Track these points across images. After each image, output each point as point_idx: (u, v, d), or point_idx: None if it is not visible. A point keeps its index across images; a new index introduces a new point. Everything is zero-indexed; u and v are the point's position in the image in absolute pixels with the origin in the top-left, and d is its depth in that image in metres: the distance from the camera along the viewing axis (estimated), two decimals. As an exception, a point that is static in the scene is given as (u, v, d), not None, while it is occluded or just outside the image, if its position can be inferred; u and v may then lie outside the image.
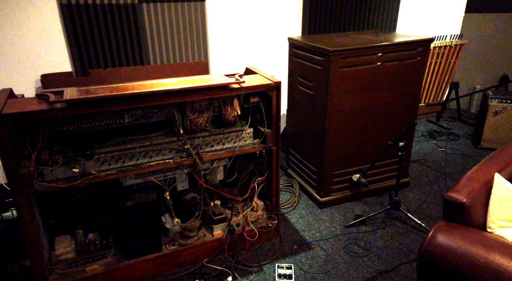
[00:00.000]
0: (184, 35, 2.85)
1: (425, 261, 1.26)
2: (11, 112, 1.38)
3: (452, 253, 1.19)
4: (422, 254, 1.26)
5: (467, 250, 1.17)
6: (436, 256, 1.22)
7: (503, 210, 1.29)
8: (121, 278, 1.81)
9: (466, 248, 1.18)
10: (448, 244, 1.21)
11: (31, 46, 2.47)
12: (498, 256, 1.13)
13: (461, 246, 1.19)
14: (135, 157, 1.72)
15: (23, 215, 1.51)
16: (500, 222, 1.29)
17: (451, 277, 1.20)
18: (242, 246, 2.07)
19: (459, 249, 1.19)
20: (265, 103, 1.92)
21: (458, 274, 1.18)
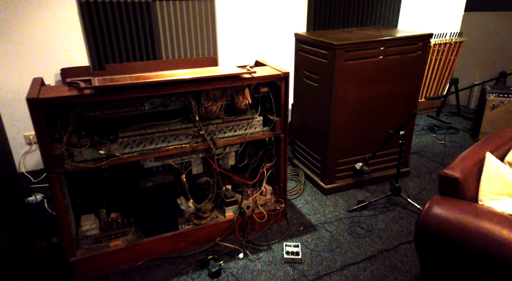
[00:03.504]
0: (194, 32, 2.99)
1: (422, 230, 1.39)
2: (47, 97, 1.52)
3: (446, 222, 1.33)
4: (419, 224, 1.39)
5: (460, 219, 1.31)
6: (431, 225, 1.36)
7: (493, 184, 1.42)
8: (141, 253, 1.95)
9: (459, 217, 1.31)
10: (443, 214, 1.35)
11: (52, 42, 2.63)
12: (487, 222, 1.26)
13: (454, 215, 1.32)
14: (154, 142, 1.86)
15: (55, 192, 1.66)
16: (490, 195, 1.42)
17: (445, 244, 1.33)
18: (252, 227, 2.20)
19: (453, 218, 1.32)
20: (274, 93, 2.06)
21: (451, 240, 1.31)
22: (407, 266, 1.96)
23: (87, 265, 1.84)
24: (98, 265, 1.86)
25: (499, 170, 1.45)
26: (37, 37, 2.58)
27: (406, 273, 1.91)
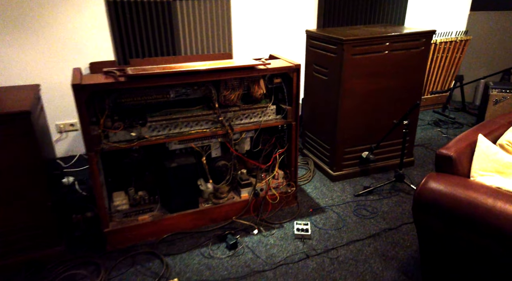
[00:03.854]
0: (211, 29, 3.20)
1: (419, 202, 1.56)
2: (89, 83, 1.74)
3: (440, 193, 1.50)
4: (417, 196, 1.56)
5: (452, 190, 1.48)
6: (427, 197, 1.53)
7: (484, 162, 1.59)
8: (165, 227, 2.16)
9: (451, 189, 1.48)
10: (437, 187, 1.52)
11: (82, 38, 2.86)
12: (475, 193, 1.43)
13: (447, 188, 1.50)
14: (178, 126, 2.07)
15: (93, 168, 1.87)
16: (480, 171, 1.59)
17: (439, 213, 1.50)
18: (265, 208, 2.39)
19: (445, 190, 1.49)
20: (286, 84, 2.25)
21: (444, 209, 1.48)
22: (408, 243, 2.13)
23: (119, 236, 2.05)
24: (128, 236, 2.08)
25: (489, 150, 1.62)
26: (69, 34, 2.81)
27: (407, 249, 2.09)
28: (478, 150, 1.64)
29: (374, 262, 1.99)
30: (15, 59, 2.72)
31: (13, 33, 2.66)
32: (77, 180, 2.70)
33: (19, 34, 2.68)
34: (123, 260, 1.98)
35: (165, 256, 2.02)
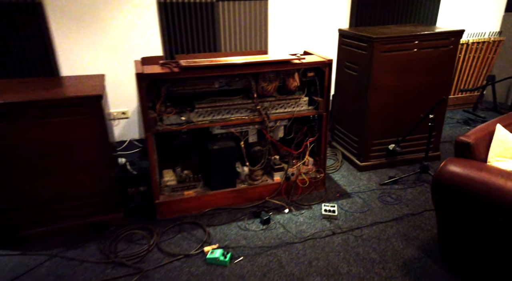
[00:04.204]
0: (249, 28, 3.46)
1: (437, 182, 1.73)
2: (149, 72, 2.04)
3: (457, 175, 1.66)
4: (436, 177, 1.73)
5: (468, 172, 1.64)
6: (445, 177, 1.70)
7: (500, 149, 1.73)
8: (207, 203, 2.44)
9: (467, 171, 1.65)
10: (455, 169, 1.68)
11: (135, 35, 3.20)
12: (489, 174, 1.58)
13: (463, 170, 1.66)
14: (221, 113, 2.34)
15: (149, 146, 2.18)
16: (497, 157, 1.73)
17: (456, 192, 1.67)
18: (295, 191, 2.62)
19: (462, 172, 1.66)
20: (319, 78, 2.46)
21: (460, 189, 1.65)
22: (429, 227, 2.29)
23: (167, 207, 2.35)
24: (175, 208, 2.37)
25: (506, 138, 1.76)
26: (124, 31, 3.16)
27: (428, 232, 2.24)
28: (496, 138, 1.78)
29: (396, 241, 2.17)
30: (80, 53, 3.10)
31: (79, 31, 3.04)
32: (128, 161, 3.04)
33: (84, 31, 3.05)
34: (172, 228, 2.28)
35: (207, 226, 2.29)
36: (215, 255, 2.00)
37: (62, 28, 2.98)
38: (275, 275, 1.93)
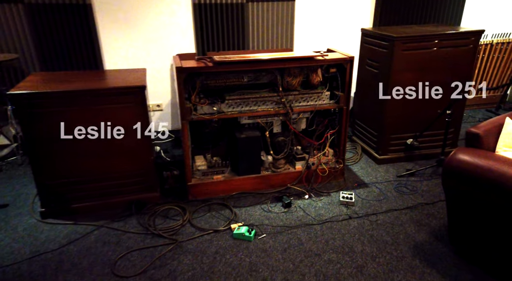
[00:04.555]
0: (276, 27, 3.67)
1: (447, 168, 1.88)
2: (187, 66, 2.29)
3: (465, 162, 1.81)
4: (446, 164, 1.88)
5: (475, 159, 1.78)
6: (454, 165, 1.85)
7: (508, 139, 1.85)
8: (233, 187, 2.67)
9: (475, 158, 1.79)
10: (463, 157, 1.83)
11: (171, 34, 3.48)
12: (494, 162, 1.72)
13: (471, 158, 1.80)
14: (249, 105, 2.56)
15: (185, 133, 2.44)
16: (505, 148, 1.86)
17: (464, 178, 1.82)
18: (315, 179, 2.81)
19: (470, 159, 1.80)
20: (340, 74, 2.64)
21: (468, 175, 1.80)
22: (441, 215, 2.42)
23: (198, 189, 2.60)
24: (205, 190, 2.62)
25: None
26: (161, 30, 3.44)
27: (440, 220, 2.38)
28: (505, 130, 1.91)
29: (409, 226, 2.32)
30: (121, 49, 3.41)
31: (122, 29, 3.35)
32: (162, 149, 3.33)
33: (126, 30, 3.36)
34: (202, 207, 2.53)
35: (234, 207, 2.53)
36: (241, 231, 2.23)
37: (107, 27, 3.30)
38: (295, 250, 2.13)
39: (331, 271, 1.98)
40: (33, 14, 3.08)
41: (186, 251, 2.13)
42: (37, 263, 2.05)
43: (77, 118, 2.24)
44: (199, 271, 1.98)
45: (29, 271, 1.99)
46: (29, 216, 2.45)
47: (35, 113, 2.17)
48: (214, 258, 2.08)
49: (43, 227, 2.34)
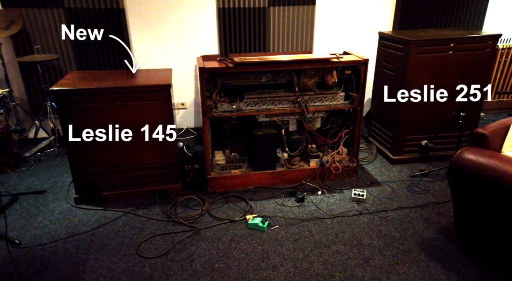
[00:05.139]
0: (297, 30, 3.80)
1: (453, 167, 1.95)
2: (209, 67, 2.48)
3: (470, 161, 1.88)
4: (452, 162, 1.96)
5: (479, 158, 1.85)
6: (460, 163, 1.92)
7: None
8: (250, 181, 2.83)
9: (480, 158, 1.86)
10: (468, 156, 1.90)
11: (196, 36, 3.69)
12: (497, 161, 1.79)
13: (476, 157, 1.87)
14: (266, 103, 2.71)
15: (205, 129, 2.62)
16: (510, 148, 1.92)
17: (468, 176, 1.89)
18: (329, 177, 2.92)
19: (474, 158, 1.87)
20: (355, 75, 2.75)
21: (472, 173, 1.87)
22: (451, 214, 2.48)
23: (217, 182, 2.77)
24: (223, 183, 2.79)
25: (522, 131, 1.94)
26: (187, 33, 3.66)
27: (450, 218, 2.44)
28: (511, 131, 1.97)
29: (417, 223, 2.40)
30: (150, 50, 3.65)
31: (151, 32, 3.59)
32: (185, 145, 3.53)
33: (154, 32, 3.59)
34: (220, 199, 2.70)
35: (249, 200, 2.68)
36: (255, 222, 2.38)
37: (138, 30, 3.55)
38: (305, 241, 2.26)
39: (339, 261, 2.10)
40: (72, 17, 3.37)
41: (203, 237, 2.30)
42: (71, 242, 2.28)
43: (109, 113, 2.46)
44: (215, 255, 2.15)
45: (64, 249, 2.22)
46: (64, 201, 2.70)
47: (73, 107, 2.41)
48: (229, 245, 2.24)
49: (76, 212, 2.58)
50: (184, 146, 3.52)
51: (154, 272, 2.03)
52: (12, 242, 2.24)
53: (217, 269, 2.05)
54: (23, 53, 3.41)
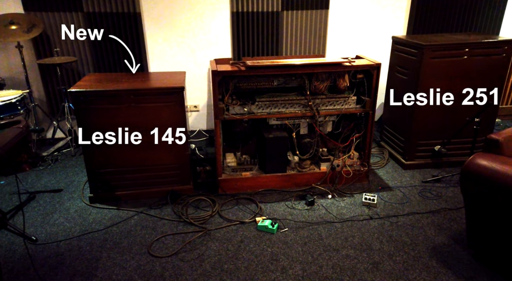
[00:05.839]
0: (310, 34, 3.82)
1: (465, 172, 1.93)
2: (222, 70, 2.51)
3: (483, 166, 1.86)
4: (464, 168, 1.94)
5: (491, 164, 1.83)
6: (472, 169, 1.90)
7: (529, 147, 1.88)
8: (260, 184, 2.85)
9: (492, 164, 1.83)
10: (481, 162, 1.88)
11: (209, 40, 3.74)
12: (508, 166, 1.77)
13: (489, 163, 1.85)
14: (278, 107, 2.73)
15: (217, 131, 2.65)
16: (525, 154, 1.89)
17: (480, 182, 1.87)
18: (340, 181, 2.92)
19: (487, 164, 1.84)
20: (367, 80, 2.75)
21: (484, 179, 1.85)
22: (463, 220, 2.44)
23: (227, 184, 2.80)
24: (234, 185, 2.82)
25: (537, 138, 1.91)
26: (201, 36, 3.71)
27: (462, 225, 2.41)
28: (526, 137, 1.94)
29: (429, 229, 2.38)
30: (165, 53, 3.72)
31: (166, 36, 3.66)
32: (197, 147, 3.58)
33: (169, 36, 3.67)
34: (230, 201, 2.73)
35: (259, 202, 2.70)
36: (264, 224, 2.40)
37: (153, 33, 3.63)
38: (314, 244, 2.27)
39: (348, 265, 2.10)
40: (91, 21, 3.46)
41: (213, 238, 2.33)
42: (85, 240, 2.34)
43: (124, 114, 2.52)
44: (225, 256, 2.18)
45: (78, 247, 2.28)
46: (79, 200, 2.77)
47: (90, 108, 2.48)
48: (239, 246, 2.26)
49: (91, 210, 2.65)
50: (196, 148, 3.57)
51: (164, 271, 2.07)
52: (29, 239, 2.31)
53: (226, 270, 2.07)
54: (43, 56, 3.53)
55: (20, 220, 2.52)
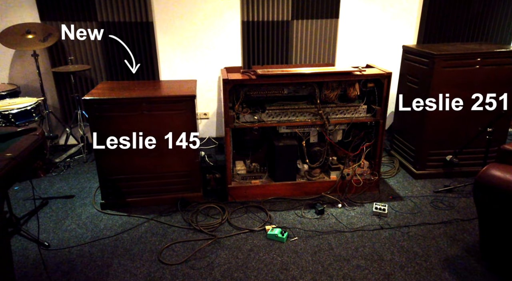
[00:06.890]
0: (319, 43, 3.84)
1: (478, 183, 1.91)
2: (233, 78, 2.54)
3: (496, 177, 1.83)
4: (477, 178, 1.91)
5: (505, 175, 1.81)
6: (486, 180, 1.87)
7: (544, 158, 1.86)
8: (270, 192, 2.85)
9: (506, 175, 1.81)
10: (495, 173, 1.85)
11: (220, 49, 3.79)
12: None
13: (502, 174, 1.82)
14: (288, 115, 2.74)
15: (227, 139, 2.67)
16: (540, 165, 1.86)
17: (494, 193, 1.84)
18: (350, 190, 2.90)
19: (501, 175, 1.82)
20: (378, 89, 2.74)
21: (498, 190, 1.82)
22: (477, 231, 2.41)
23: (237, 191, 2.81)
24: (243, 193, 2.82)
25: (552, 148, 1.88)
26: (212, 45, 3.76)
27: (475, 236, 2.37)
28: (541, 148, 1.91)
29: (441, 240, 2.34)
30: (176, 62, 3.78)
31: (178, 45, 3.71)
32: (206, 154, 3.60)
33: (180, 45, 3.72)
34: (240, 208, 2.73)
35: (269, 210, 2.70)
36: (274, 232, 2.39)
37: (165, 42, 3.69)
38: (324, 254, 2.25)
39: (359, 276, 2.08)
40: (104, 30, 3.54)
41: (223, 246, 2.33)
42: (96, 246, 2.36)
43: (136, 122, 2.55)
44: (234, 265, 2.17)
45: (89, 253, 2.30)
46: (91, 206, 2.80)
47: (102, 116, 2.52)
48: (248, 254, 2.25)
49: (102, 217, 2.67)
50: (205, 155, 3.59)
51: (174, 279, 2.07)
52: (42, 244, 2.34)
53: (236, 278, 2.07)
54: (58, 64, 3.61)
55: (32, 225, 2.55)
